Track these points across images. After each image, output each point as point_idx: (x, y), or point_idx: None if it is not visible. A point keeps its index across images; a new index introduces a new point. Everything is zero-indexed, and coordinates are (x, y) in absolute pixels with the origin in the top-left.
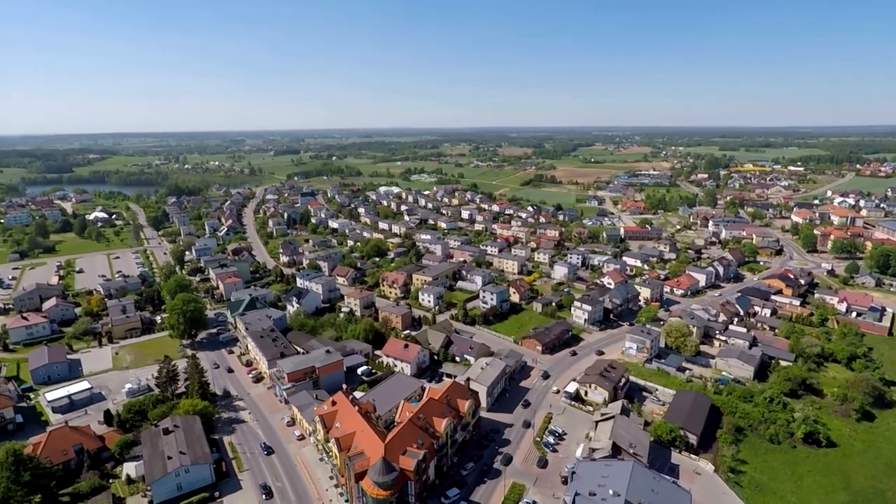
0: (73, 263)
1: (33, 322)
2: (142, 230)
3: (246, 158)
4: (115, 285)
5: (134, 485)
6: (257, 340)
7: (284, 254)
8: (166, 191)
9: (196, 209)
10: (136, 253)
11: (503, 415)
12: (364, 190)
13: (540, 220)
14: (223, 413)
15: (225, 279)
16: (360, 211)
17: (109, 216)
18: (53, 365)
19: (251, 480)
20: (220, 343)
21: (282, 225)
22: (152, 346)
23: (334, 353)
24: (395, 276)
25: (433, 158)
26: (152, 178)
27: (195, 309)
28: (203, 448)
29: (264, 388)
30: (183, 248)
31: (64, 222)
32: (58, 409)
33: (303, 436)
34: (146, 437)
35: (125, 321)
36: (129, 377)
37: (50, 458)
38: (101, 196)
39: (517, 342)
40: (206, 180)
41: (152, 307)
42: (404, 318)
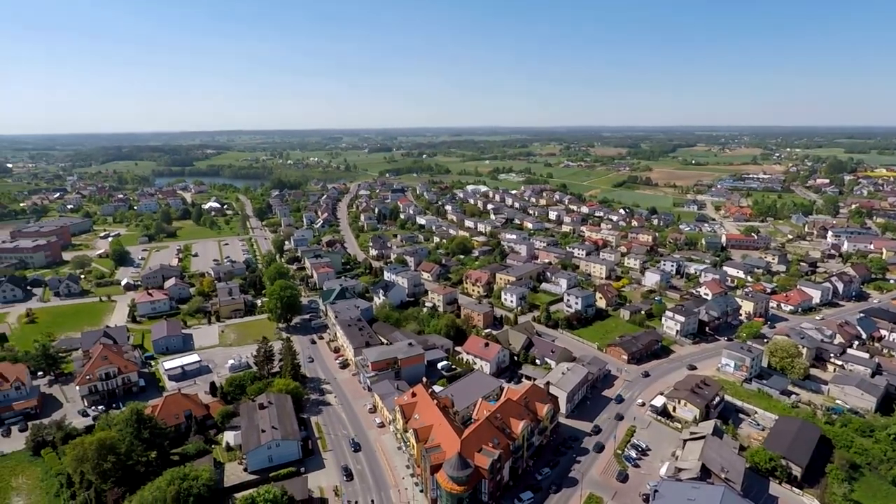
0: (190, 248)
1: (156, 298)
2: (248, 220)
3: (342, 155)
4: (223, 269)
5: (232, 452)
6: (345, 328)
7: (374, 247)
8: (270, 184)
9: (296, 202)
10: (242, 241)
11: (583, 423)
12: (452, 188)
13: (632, 223)
14: (311, 395)
15: (319, 269)
16: (448, 208)
17: (221, 206)
18: (171, 337)
19: (334, 460)
20: (312, 329)
21: (372, 220)
22: (253, 326)
23: (416, 347)
24: (478, 274)
25: (522, 158)
26: (259, 173)
27: (291, 295)
28: (293, 425)
29: (349, 375)
30: (283, 238)
31: (184, 210)
32: (172, 377)
33: (383, 423)
34: (244, 410)
35: (231, 302)
36: (231, 354)
37: (165, 419)
38: (215, 188)
39: (601, 349)
40: (306, 175)
41: (254, 291)
42: (486, 316)
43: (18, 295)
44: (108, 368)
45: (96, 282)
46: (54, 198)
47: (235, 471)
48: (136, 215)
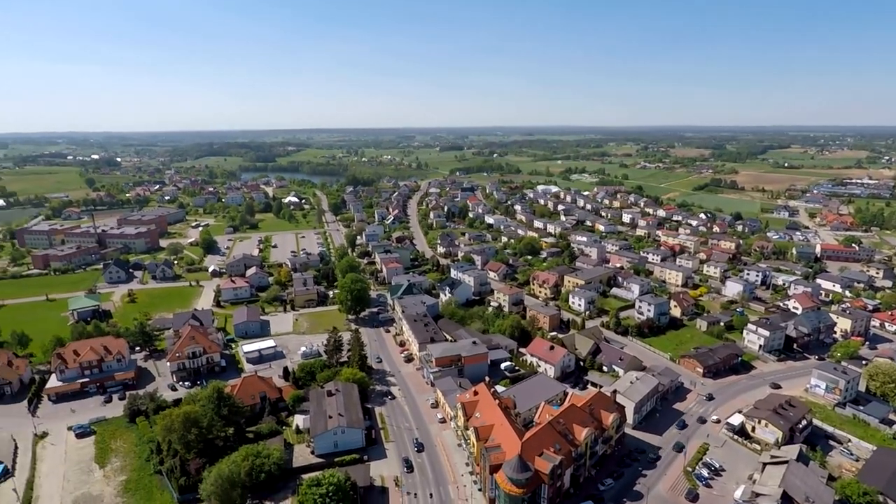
0: (270, 239)
1: (239, 285)
2: (324, 214)
3: (414, 153)
4: (299, 261)
5: (301, 435)
6: (411, 323)
7: (442, 245)
8: (345, 181)
9: (368, 198)
10: (317, 234)
11: (651, 435)
12: (522, 188)
13: (713, 229)
14: (376, 386)
15: (388, 264)
16: (517, 208)
17: (300, 201)
18: (250, 323)
19: (395, 452)
20: (380, 322)
21: (441, 217)
22: (324, 317)
23: (480, 345)
24: (546, 275)
25: (596, 158)
26: (335, 169)
27: (361, 288)
28: (358, 414)
29: (414, 369)
30: (355, 233)
31: (266, 204)
32: (250, 360)
33: (444, 419)
34: (313, 396)
35: (305, 293)
36: (304, 341)
37: (242, 399)
38: (294, 183)
39: (674, 360)
40: (379, 172)
41: (327, 283)
42: (552, 319)
43: (122, 276)
44: (194, 348)
45: (187, 267)
46: (154, 189)
47: (303, 453)
48: (223, 207)
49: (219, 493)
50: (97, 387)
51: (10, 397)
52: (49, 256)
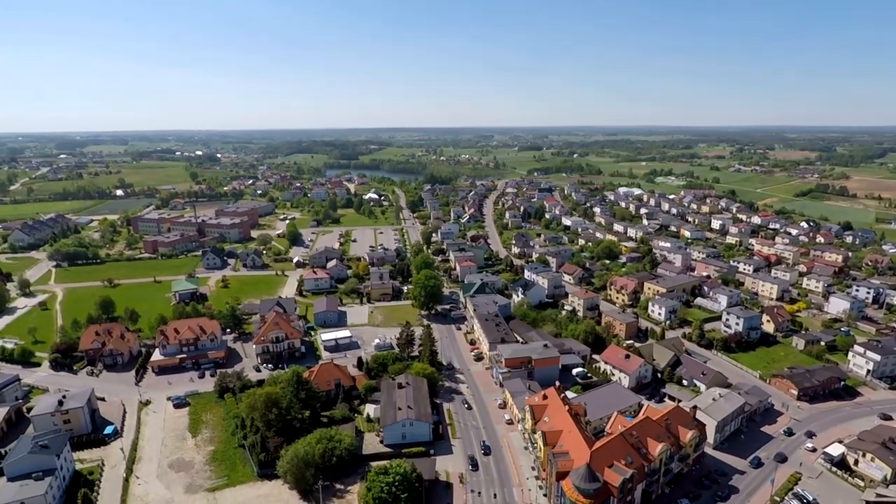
0: (350, 234)
1: (320, 276)
2: (401, 211)
3: (492, 153)
4: (376, 255)
5: (371, 423)
6: (482, 322)
7: (516, 245)
8: (423, 179)
9: (445, 197)
10: (395, 230)
11: (734, 458)
12: (602, 189)
13: (817, 239)
14: (445, 382)
15: (462, 262)
16: (596, 210)
17: (379, 197)
18: (329, 313)
19: (461, 448)
20: (451, 319)
21: (517, 217)
22: (398, 311)
23: (552, 349)
24: (624, 281)
25: (684, 160)
26: (414, 167)
27: (434, 285)
28: (426, 408)
29: (483, 368)
30: (431, 231)
31: (347, 200)
32: (327, 347)
33: (511, 421)
34: (384, 387)
35: (381, 286)
36: (378, 333)
37: (318, 384)
38: (374, 180)
39: (764, 379)
40: (456, 171)
41: (402, 278)
42: (629, 326)
43: (218, 263)
44: (278, 333)
45: (274, 257)
46: (248, 184)
47: (373, 441)
48: (308, 202)
49: (294, 472)
50: (192, 363)
51: (121, 367)
52: (157, 242)
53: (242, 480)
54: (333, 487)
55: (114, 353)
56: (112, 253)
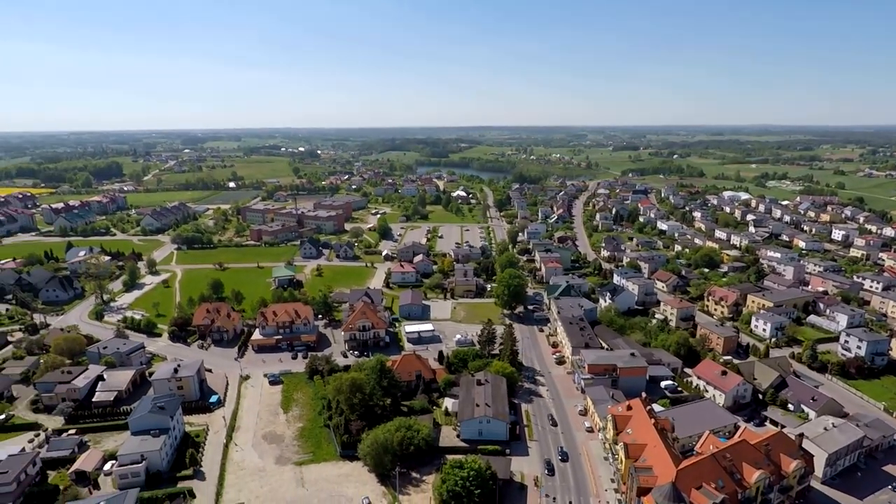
0: (437, 230)
1: (406, 270)
2: (488, 210)
3: (585, 152)
4: (462, 252)
5: (449, 417)
6: (566, 326)
7: (606, 248)
8: (512, 178)
9: (533, 196)
10: (481, 228)
11: (847, 497)
12: (704, 193)
13: None
14: (524, 383)
15: (547, 263)
16: (696, 215)
17: (467, 195)
18: (413, 306)
19: (538, 451)
20: (534, 320)
21: (608, 220)
22: (480, 308)
23: (639, 358)
24: (725, 292)
25: (802, 162)
26: (503, 166)
27: (518, 285)
28: (504, 407)
29: (564, 372)
30: (517, 230)
31: (436, 197)
32: (410, 339)
33: (592, 429)
34: (463, 383)
35: (465, 283)
36: (459, 329)
37: (400, 374)
38: (463, 178)
39: (890, 412)
40: (546, 171)
41: (486, 276)
42: (728, 341)
43: (314, 253)
44: (365, 322)
45: (365, 250)
46: (344, 179)
47: (449, 434)
48: (399, 198)
49: (373, 455)
50: (287, 344)
51: (226, 343)
52: (262, 231)
53: (326, 458)
54: (410, 475)
55: (220, 329)
56: (223, 239)
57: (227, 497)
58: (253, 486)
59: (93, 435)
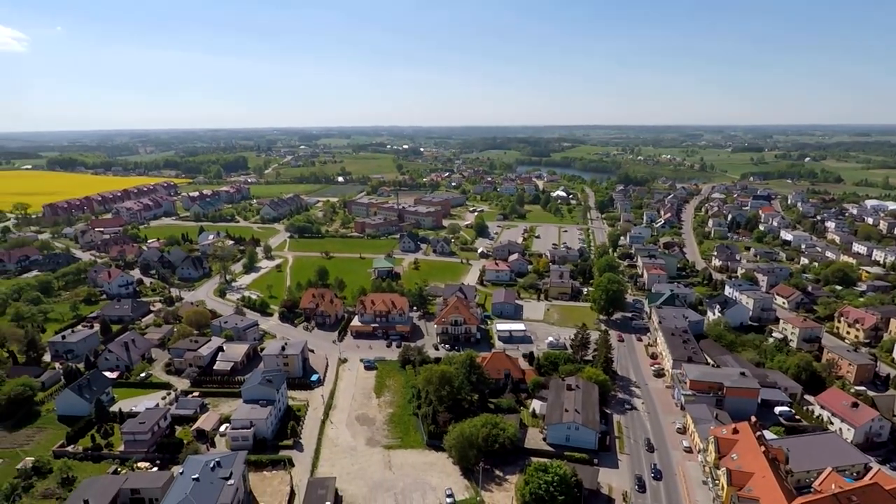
0: (534, 230)
1: (501, 268)
2: (589, 211)
3: (699, 153)
4: (558, 253)
5: (536, 419)
6: (668, 337)
7: (718, 257)
8: (616, 179)
9: (639, 198)
10: (580, 230)
11: None
12: (841, 201)
13: None
14: (618, 393)
15: (650, 269)
16: (829, 225)
17: (567, 196)
18: (506, 304)
19: (628, 466)
20: (632, 328)
21: (722, 227)
22: (575, 312)
23: (750, 379)
24: (862, 314)
25: None
26: (607, 167)
27: (617, 290)
28: (595, 416)
29: (662, 385)
30: (619, 233)
31: (535, 196)
32: (501, 338)
33: (690, 449)
34: (553, 386)
35: (560, 285)
36: (552, 332)
37: (489, 372)
38: (564, 178)
39: None
40: (654, 172)
41: (582, 279)
42: (862, 369)
43: (412, 247)
44: (457, 317)
45: (461, 246)
46: (444, 176)
47: (535, 436)
48: (497, 196)
49: (458, 448)
50: (383, 333)
51: (328, 327)
52: (365, 224)
53: (413, 445)
54: (493, 472)
55: (324, 314)
56: (330, 230)
57: (321, 470)
58: (344, 463)
59: (212, 399)
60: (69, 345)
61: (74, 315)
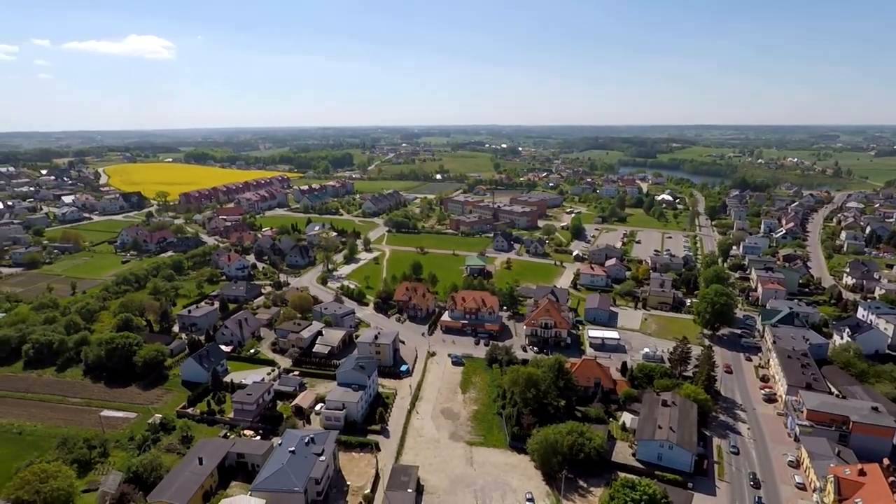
0: (635, 234)
1: (597, 273)
2: (697, 217)
3: (833, 157)
4: (660, 261)
5: (626, 433)
6: (783, 359)
7: (851, 275)
8: (731, 183)
9: (756, 205)
10: (686, 237)
11: None
12: None
13: None
14: (720, 415)
15: (766, 283)
16: None
17: (674, 200)
18: (600, 310)
19: (727, 495)
20: (741, 346)
21: (859, 240)
22: (675, 323)
23: (884, 415)
24: None
25: None
26: (721, 170)
27: (726, 303)
28: (692, 436)
29: (773, 412)
30: (731, 242)
31: (637, 199)
32: (593, 344)
33: (804, 486)
34: (646, 400)
35: (660, 294)
36: (648, 343)
37: (578, 378)
38: (671, 181)
39: None
40: (777, 177)
41: (686, 289)
42: None
43: (505, 246)
44: (547, 320)
45: (555, 248)
46: (542, 176)
47: (624, 450)
48: (596, 198)
49: (541, 453)
50: (471, 330)
51: (419, 320)
52: (460, 221)
53: (495, 445)
54: (576, 482)
55: (416, 307)
56: (426, 226)
57: (404, 458)
58: (427, 454)
59: (310, 378)
60: (194, 318)
61: (199, 292)
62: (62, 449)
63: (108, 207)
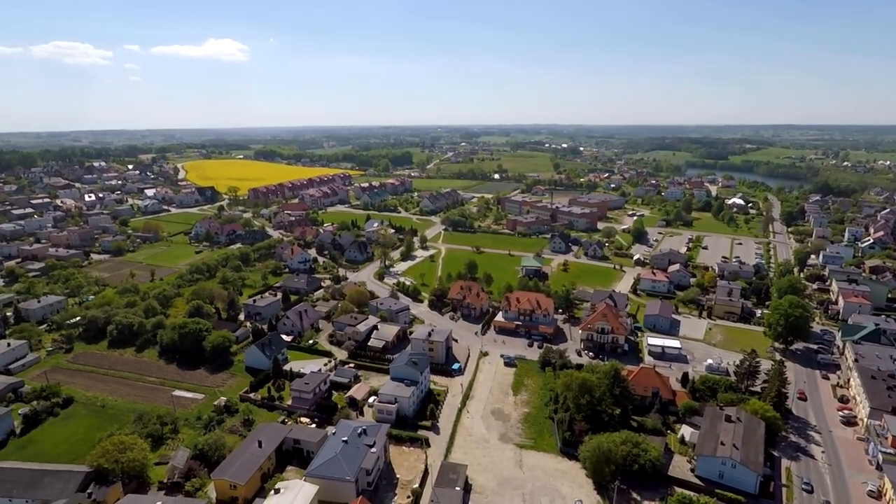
0: (701, 240)
1: (658, 279)
2: (772, 223)
3: None
4: (729, 268)
5: (684, 447)
6: (866, 379)
7: None
8: (811, 187)
9: (840, 212)
10: (758, 244)
11: None
12: None
13: None
14: (791, 435)
15: (848, 296)
16: None
17: (746, 204)
18: (661, 318)
19: None
20: (817, 363)
21: None
22: (743, 335)
23: None
24: None
25: None
26: (800, 173)
27: (801, 316)
28: (757, 455)
29: (853, 437)
30: (809, 251)
31: (705, 203)
32: (652, 353)
33: None
34: (708, 413)
35: (727, 303)
36: (712, 354)
37: (635, 387)
38: (743, 184)
39: None
40: (866, 181)
41: (756, 299)
42: None
43: (562, 248)
44: (604, 325)
45: (615, 251)
46: (604, 177)
47: (682, 465)
48: (661, 200)
49: (593, 461)
50: (525, 331)
51: (472, 319)
52: (517, 222)
53: (545, 449)
54: (629, 494)
55: (470, 306)
56: (482, 225)
57: (453, 455)
58: (476, 454)
59: (364, 371)
60: (258, 308)
61: (263, 283)
62: (138, 423)
63: (185, 201)
